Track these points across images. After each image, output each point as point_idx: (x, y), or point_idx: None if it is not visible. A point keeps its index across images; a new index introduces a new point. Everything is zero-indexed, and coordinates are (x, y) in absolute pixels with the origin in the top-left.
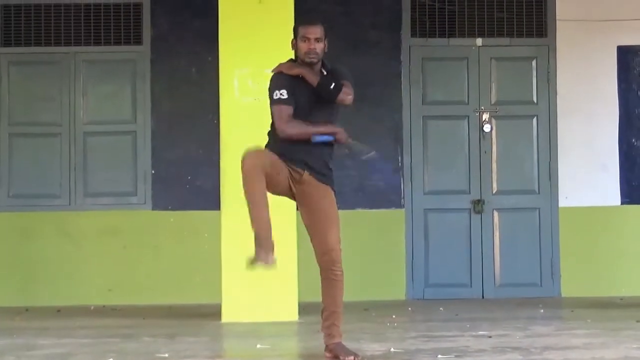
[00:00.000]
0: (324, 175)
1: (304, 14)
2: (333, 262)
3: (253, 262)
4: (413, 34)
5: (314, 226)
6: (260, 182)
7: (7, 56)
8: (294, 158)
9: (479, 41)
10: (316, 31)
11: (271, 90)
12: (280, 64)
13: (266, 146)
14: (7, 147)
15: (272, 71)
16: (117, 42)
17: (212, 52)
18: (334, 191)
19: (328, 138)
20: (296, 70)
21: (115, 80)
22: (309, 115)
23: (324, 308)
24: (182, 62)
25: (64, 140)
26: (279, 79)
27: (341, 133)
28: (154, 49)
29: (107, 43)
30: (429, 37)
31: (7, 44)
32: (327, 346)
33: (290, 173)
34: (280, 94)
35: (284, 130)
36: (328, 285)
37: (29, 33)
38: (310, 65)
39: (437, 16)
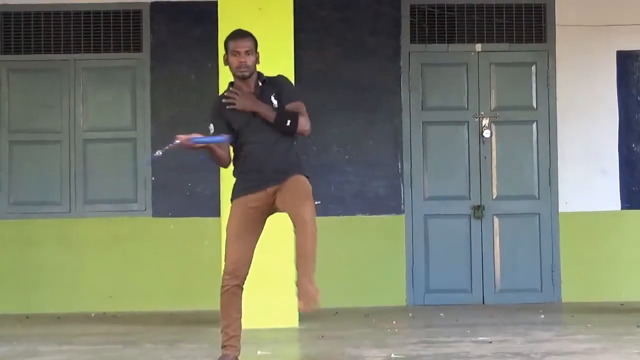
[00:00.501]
0: (285, 173)
1: (302, 20)
2: (298, 214)
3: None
4: (412, 40)
5: (283, 204)
6: (235, 304)
7: (6, 63)
8: (249, 183)
9: (478, 47)
10: (246, 44)
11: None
12: (216, 98)
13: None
14: (7, 155)
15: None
16: (117, 49)
17: (212, 58)
18: (305, 175)
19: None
20: (248, 108)
21: (115, 87)
22: (261, 130)
23: (296, 256)
24: (181, 69)
25: (64, 147)
26: (213, 108)
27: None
28: (154, 56)
29: (107, 50)
30: (429, 43)
31: (6, 51)
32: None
33: (255, 200)
34: (209, 129)
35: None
36: (297, 232)
37: (28, 40)
38: (243, 79)
39: (436, 22)
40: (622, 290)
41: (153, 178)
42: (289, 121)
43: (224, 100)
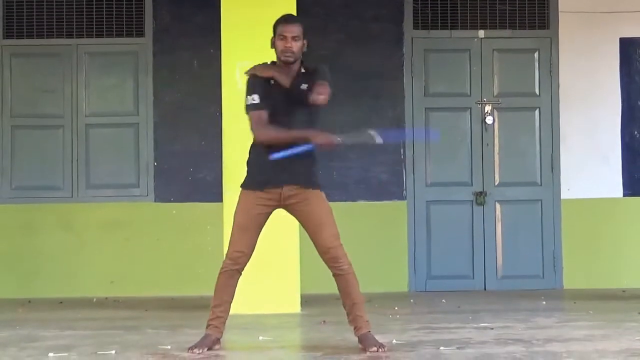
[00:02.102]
0: (306, 179)
1: (305, 6)
2: (335, 259)
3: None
4: (415, 26)
5: (308, 230)
6: (229, 287)
7: (9, 48)
8: (269, 174)
9: (481, 33)
10: (294, 29)
11: (245, 96)
12: (255, 66)
13: (247, 172)
14: (9, 140)
15: (246, 74)
16: (119, 34)
17: (214, 44)
18: (319, 186)
19: (307, 148)
20: (267, 73)
21: (118, 72)
22: (286, 118)
23: (343, 303)
24: (184, 54)
25: (66, 132)
26: (251, 83)
27: (322, 137)
28: (156, 41)
29: (109, 35)
30: (431, 29)
31: (9, 36)
32: (358, 338)
33: (266, 196)
34: (252, 99)
35: (259, 135)
36: (339, 280)
37: (31, 25)
38: (287, 64)
39: (439, 8)
40: (624, 277)
41: (155, 163)
42: (305, 85)
43: (261, 74)
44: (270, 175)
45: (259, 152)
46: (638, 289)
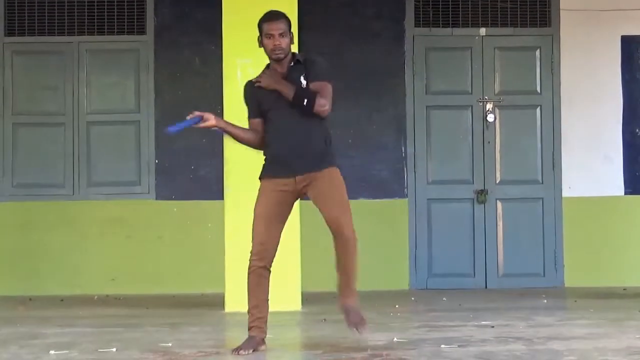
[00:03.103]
0: (318, 161)
1: (307, 3)
2: (338, 224)
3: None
4: (417, 24)
5: (318, 206)
6: (262, 286)
7: (10, 46)
8: (278, 166)
9: (482, 31)
10: (279, 26)
11: None
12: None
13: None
14: (10, 137)
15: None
16: (121, 32)
17: (216, 42)
18: (331, 164)
19: (195, 121)
20: (271, 86)
21: (119, 70)
22: (287, 112)
23: (336, 264)
24: (185, 51)
25: (67, 129)
26: (244, 91)
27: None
28: (158, 38)
29: (111, 33)
30: (433, 27)
31: (10, 33)
32: (339, 305)
33: (284, 185)
34: (247, 110)
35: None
36: (338, 245)
37: (32, 23)
38: (278, 61)
39: (440, 6)
40: (625, 275)
41: (156, 161)
42: (305, 100)
43: (253, 80)
44: (282, 167)
45: (268, 144)
46: (639, 287)
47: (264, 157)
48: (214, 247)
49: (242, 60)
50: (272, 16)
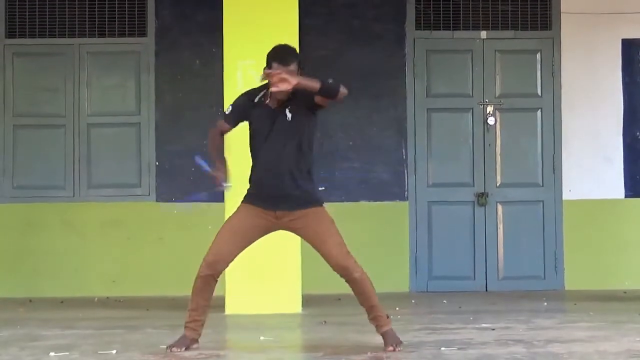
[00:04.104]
0: (297, 200)
1: (307, 5)
2: (344, 269)
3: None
4: (417, 27)
5: (313, 246)
6: (205, 293)
7: (11, 47)
8: (260, 196)
9: (483, 34)
10: (289, 69)
11: None
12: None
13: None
14: (11, 139)
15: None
16: (122, 34)
17: (216, 43)
18: (316, 202)
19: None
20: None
21: (120, 72)
22: (267, 138)
23: (360, 304)
24: (186, 53)
25: (68, 131)
26: (240, 98)
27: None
28: (158, 40)
29: (112, 35)
30: (434, 29)
31: (11, 35)
32: (381, 335)
33: (264, 214)
34: (226, 109)
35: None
36: (353, 287)
37: (33, 24)
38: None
39: (441, 9)
40: (625, 278)
41: (157, 163)
42: (331, 79)
43: (256, 97)
44: (263, 201)
45: (254, 171)
46: (639, 290)
47: (249, 183)
48: None
49: (243, 62)
50: (284, 59)
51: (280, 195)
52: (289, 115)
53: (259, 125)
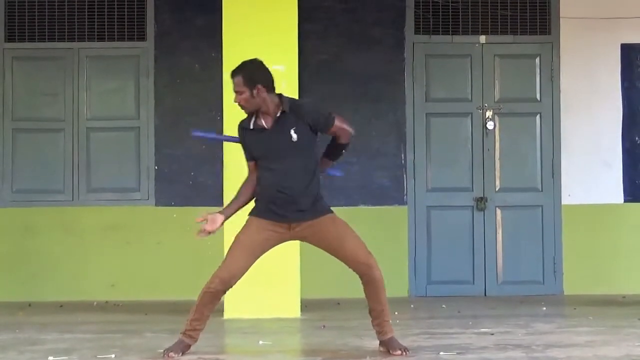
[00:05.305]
0: (313, 211)
1: (307, 10)
2: (368, 267)
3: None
4: (417, 31)
5: (330, 252)
6: (212, 305)
7: (10, 51)
8: (272, 210)
9: (482, 38)
10: (235, 84)
11: None
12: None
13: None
14: (10, 143)
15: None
16: (121, 38)
17: (216, 48)
18: (326, 211)
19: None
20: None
21: (119, 76)
22: (276, 159)
23: (371, 309)
24: (185, 58)
25: (67, 135)
26: (237, 132)
27: None
28: (158, 44)
29: (111, 39)
30: (433, 34)
31: (10, 39)
32: (381, 342)
33: (277, 226)
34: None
35: None
36: (369, 287)
37: (32, 28)
38: (249, 114)
39: (440, 13)
40: (624, 283)
41: (156, 167)
42: (343, 151)
43: (252, 126)
44: (276, 214)
45: (265, 189)
46: (638, 295)
47: (258, 198)
48: (213, 254)
49: None
50: (231, 73)
51: (295, 210)
52: (294, 135)
53: (264, 148)
